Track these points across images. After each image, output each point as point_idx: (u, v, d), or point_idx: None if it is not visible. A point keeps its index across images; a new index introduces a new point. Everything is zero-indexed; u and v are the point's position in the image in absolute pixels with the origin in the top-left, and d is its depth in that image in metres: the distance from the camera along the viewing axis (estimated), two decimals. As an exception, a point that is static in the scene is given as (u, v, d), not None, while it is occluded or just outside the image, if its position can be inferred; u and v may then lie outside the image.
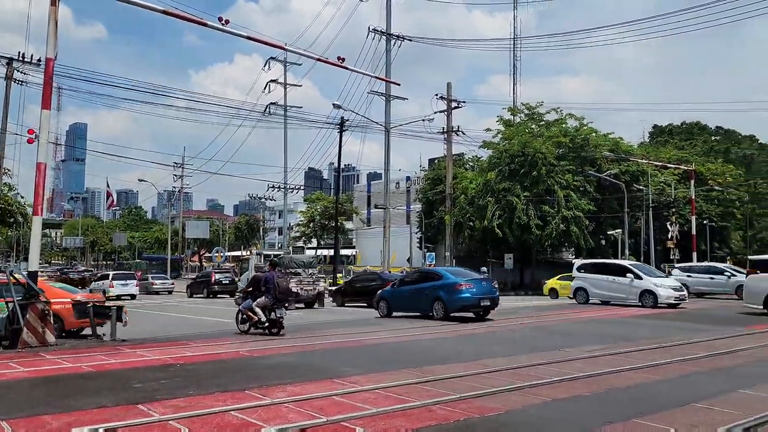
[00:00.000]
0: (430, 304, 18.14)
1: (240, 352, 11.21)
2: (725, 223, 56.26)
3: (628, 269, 23.65)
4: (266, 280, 14.08)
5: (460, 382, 8.09)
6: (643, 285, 22.57)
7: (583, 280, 24.84)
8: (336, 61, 25.23)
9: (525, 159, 39.32)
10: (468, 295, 17.70)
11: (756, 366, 9.76)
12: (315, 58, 26.41)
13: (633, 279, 22.89)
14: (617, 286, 23.37)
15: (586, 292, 24.50)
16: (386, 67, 38.45)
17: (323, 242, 59.44)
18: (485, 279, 20.01)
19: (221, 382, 8.13)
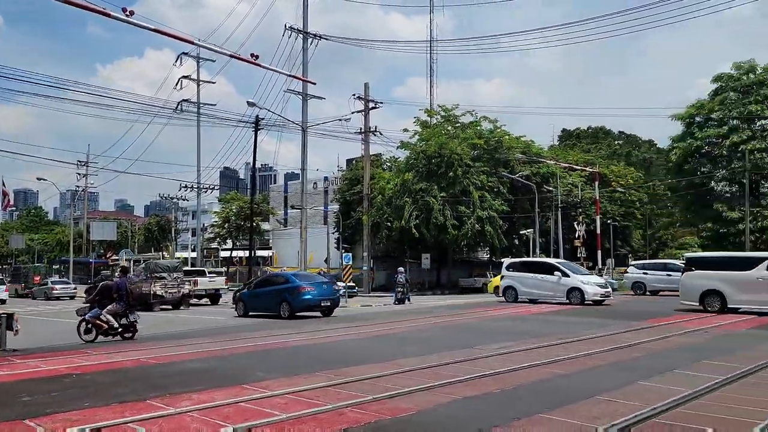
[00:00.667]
0: (278, 304, 20.03)
1: (143, 360, 10.65)
2: (627, 223, 59.59)
3: (556, 267, 24.13)
4: (118, 287, 13.99)
5: (374, 383, 8.01)
6: (571, 283, 23.12)
7: (512, 278, 25.16)
8: (249, 58, 24.63)
9: (441, 160, 39.97)
10: (310, 296, 19.92)
11: (652, 358, 10.27)
12: (228, 54, 25.71)
13: (561, 277, 23.40)
14: (546, 284, 23.83)
15: (515, 290, 24.84)
16: (303, 66, 38.03)
17: (238, 243, 58.09)
18: (327, 282, 22.08)
19: (120, 393, 7.65)
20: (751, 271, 18.39)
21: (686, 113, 47.31)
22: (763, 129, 44.19)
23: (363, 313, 22.43)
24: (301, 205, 35.36)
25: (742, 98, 44.56)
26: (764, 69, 44.78)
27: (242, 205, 55.17)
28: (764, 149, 42.42)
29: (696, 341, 12.58)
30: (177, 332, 15.86)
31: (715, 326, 15.43)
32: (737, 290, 18.68)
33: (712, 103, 45.90)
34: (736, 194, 45.27)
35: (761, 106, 43.29)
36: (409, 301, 28.68)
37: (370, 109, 39.51)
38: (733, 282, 18.79)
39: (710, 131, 45.40)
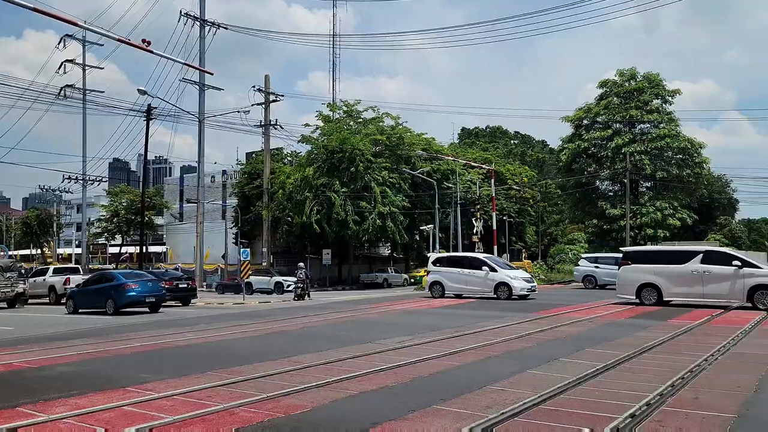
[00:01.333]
0: (105, 301, 21.16)
1: (14, 364, 9.78)
2: (521, 219, 62.29)
3: (484, 263, 23.93)
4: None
5: (269, 381, 7.79)
6: (498, 278, 23.08)
7: (438, 273, 24.73)
8: (141, 45, 23.31)
9: (343, 155, 39.91)
10: (134, 293, 21.04)
11: (541, 347, 10.71)
12: (116, 39, 24.17)
13: (488, 272, 23.26)
14: (473, 280, 23.61)
15: (441, 285, 24.42)
16: (200, 55, 36.72)
17: (129, 239, 55.22)
18: (153, 280, 22.99)
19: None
20: (686, 265, 18.63)
21: (575, 116, 50.10)
22: (642, 133, 47.62)
23: (261, 310, 21.94)
24: (197, 199, 34.09)
25: (624, 103, 47.77)
26: (644, 77, 48.22)
27: (133, 198, 52.41)
28: (643, 152, 45.71)
29: (581, 330, 13.28)
30: (54, 333, 14.76)
31: (599, 316, 16.39)
32: (672, 283, 18.87)
33: (598, 107, 48.88)
34: (618, 193, 48.51)
35: (641, 112, 46.60)
36: (309, 297, 28.43)
37: (270, 102, 38.79)
38: (668, 275, 18.96)
39: (596, 134, 48.36)
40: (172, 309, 23.74)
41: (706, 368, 8.54)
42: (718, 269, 18.17)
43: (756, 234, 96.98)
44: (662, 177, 45.81)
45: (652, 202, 46.09)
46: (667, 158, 46.85)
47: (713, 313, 16.88)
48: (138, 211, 44.35)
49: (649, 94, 47.57)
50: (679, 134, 46.97)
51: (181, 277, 27.40)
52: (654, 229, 45.34)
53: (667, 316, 16.39)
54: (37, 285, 29.01)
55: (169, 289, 24.97)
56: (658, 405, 6.34)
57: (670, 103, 48.39)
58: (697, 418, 5.85)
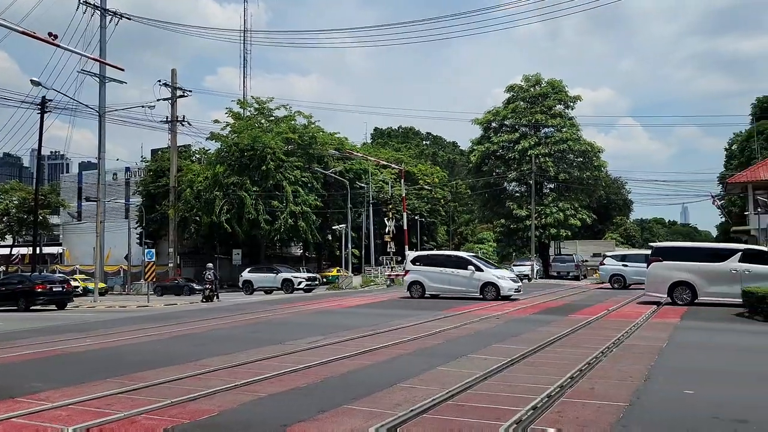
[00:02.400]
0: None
1: None
2: (433, 219, 63.60)
3: (469, 262, 22.99)
4: None
5: (174, 386, 7.50)
6: (485, 277, 22.08)
7: (418, 273, 23.57)
8: (47, 38, 22.08)
9: (255, 153, 39.18)
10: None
11: (450, 344, 10.97)
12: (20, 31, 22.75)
13: (474, 271, 22.24)
14: (457, 279, 22.54)
15: (422, 285, 23.24)
16: (101, 46, 34.91)
17: (21, 239, 51.64)
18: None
19: None
20: (724, 263, 18.09)
21: (484, 119, 51.71)
22: (546, 136, 49.83)
23: (166, 313, 21.13)
24: (98, 197, 32.37)
25: (530, 108, 49.80)
26: (548, 83, 50.48)
27: (26, 195, 49.01)
28: (547, 154, 47.84)
29: (488, 327, 13.72)
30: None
31: (505, 313, 16.98)
32: (708, 282, 18.27)
33: (505, 110, 50.68)
34: (525, 194, 50.52)
35: (545, 116, 48.75)
36: (218, 298, 27.71)
37: (178, 97, 37.48)
38: (704, 273, 18.28)
39: (504, 136, 50.14)
40: (54, 314, 22.77)
41: (602, 360, 9.05)
42: (759, 268, 17.53)
43: (648, 233, 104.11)
44: (565, 179, 48.13)
45: (555, 203, 48.33)
46: (569, 161, 49.32)
47: (609, 307, 17.92)
48: (31, 209, 41.54)
49: (552, 99, 49.86)
50: (580, 138, 49.56)
51: (56, 280, 26.26)
52: (557, 229, 47.58)
53: (568, 311, 17.23)
54: None
55: (42, 292, 24.07)
56: (558, 396, 6.65)
57: (572, 108, 50.98)
58: (593, 408, 6.18)
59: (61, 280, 26.79)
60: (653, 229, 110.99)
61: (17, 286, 25.06)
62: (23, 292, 24.49)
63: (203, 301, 26.80)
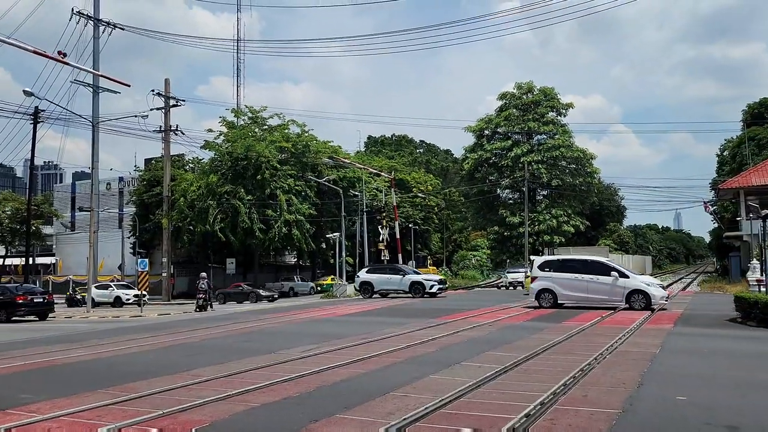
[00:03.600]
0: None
1: None
2: (426, 227, 63.58)
3: (612, 267, 21.03)
4: None
5: (165, 396, 7.46)
6: (632, 284, 20.06)
7: (548, 279, 21.40)
8: (57, 57, 22.44)
9: (249, 162, 39.15)
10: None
11: (443, 352, 10.96)
12: (30, 50, 22.99)
13: (618, 278, 20.16)
14: (597, 286, 20.41)
15: (553, 293, 21.06)
16: (94, 56, 34.81)
17: (14, 250, 51.35)
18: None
19: None
20: None
21: (477, 126, 51.90)
22: (539, 143, 50.05)
23: (159, 323, 21.03)
24: (91, 207, 32.24)
25: (522, 115, 50.03)
26: (540, 90, 50.75)
27: (18, 206, 48.81)
28: (540, 161, 48.03)
29: (481, 334, 13.71)
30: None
31: (498, 320, 16.98)
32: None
33: (498, 118, 50.90)
34: (518, 201, 50.67)
35: (538, 123, 48.97)
36: (211, 307, 27.60)
37: (171, 107, 37.43)
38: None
39: (497, 144, 50.32)
40: (43, 324, 22.81)
41: (595, 367, 9.05)
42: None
43: (642, 239, 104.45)
44: (557, 185, 48.31)
45: (548, 210, 48.50)
46: (562, 168, 49.52)
47: (603, 314, 17.95)
48: (24, 219, 41.35)
49: (545, 106, 50.13)
50: (572, 145, 49.81)
51: (36, 291, 26.34)
52: (551, 236, 47.69)
53: (562, 318, 17.24)
54: None
55: (23, 303, 24.19)
56: (551, 404, 6.65)
57: (564, 115, 51.29)
58: (586, 415, 6.18)
59: (42, 291, 26.85)
60: (646, 235, 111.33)
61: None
62: (4, 303, 24.40)
63: (197, 311, 26.68)
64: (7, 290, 25.89)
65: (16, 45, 22.26)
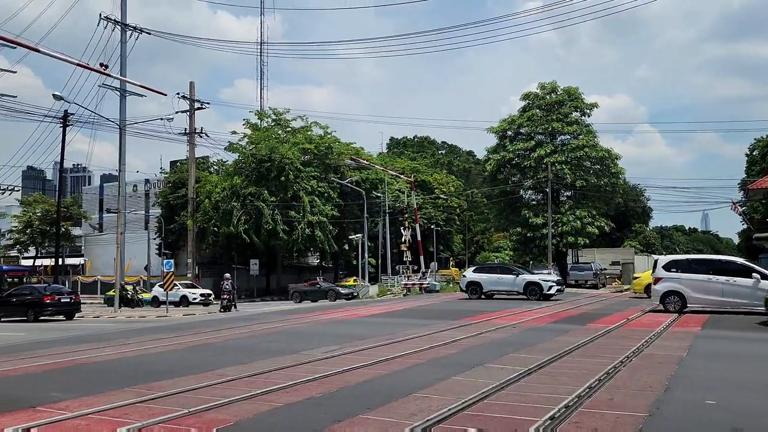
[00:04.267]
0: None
1: None
2: (449, 228, 63.38)
3: (752, 268, 19.11)
4: None
5: (191, 395, 7.54)
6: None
7: (675, 281, 19.60)
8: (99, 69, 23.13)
9: (272, 164, 39.43)
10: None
11: (465, 354, 10.90)
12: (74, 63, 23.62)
13: (760, 280, 18.15)
14: (735, 290, 18.49)
15: (681, 297, 19.28)
16: (121, 60, 35.35)
17: (44, 250, 52.40)
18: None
19: None
20: None
21: (499, 127, 51.48)
22: (563, 144, 49.49)
23: (184, 323, 21.28)
24: (118, 209, 32.76)
25: (546, 115, 49.50)
26: (564, 90, 50.17)
27: (49, 208, 49.82)
28: (564, 162, 47.48)
29: (505, 336, 13.62)
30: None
31: (522, 321, 16.85)
32: None
33: (521, 118, 50.41)
34: (541, 202, 50.15)
35: (561, 124, 48.43)
36: (235, 308, 27.83)
37: (196, 110, 37.84)
38: None
39: (520, 144, 49.84)
40: (71, 324, 23.19)
41: (621, 370, 8.93)
42: None
43: (668, 241, 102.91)
44: (582, 186, 47.73)
45: (572, 211, 47.89)
46: (586, 168, 48.87)
47: (628, 316, 17.72)
48: (53, 221, 42.18)
49: (568, 106, 49.51)
50: (597, 145, 49.15)
51: (63, 291, 26.84)
52: (575, 237, 47.13)
53: (586, 320, 17.05)
54: None
55: (50, 303, 24.73)
56: (576, 407, 6.57)
57: (588, 115, 50.57)
58: (612, 418, 6.10)
59: (69, 291, 27.43)
60: (673, 237, 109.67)
61: (27, 297, 25.57)
62: (32, 302, 24.97)
63: (221, 311, 26.94)
64: (35, 290, 26.46)
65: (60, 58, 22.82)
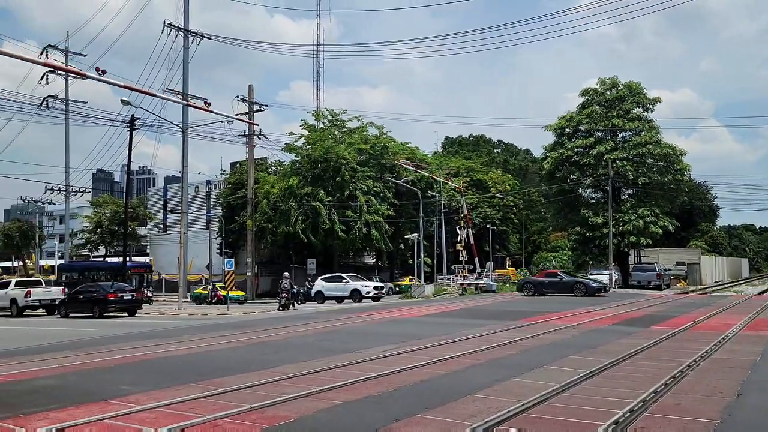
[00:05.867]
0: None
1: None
2: (505, 227, 62.59)
3: None
4: None
5: (252, 392, 7.73)
6: None
7: None
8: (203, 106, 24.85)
9: (328, 164, 39.89)
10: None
11: (524, 355, 10.74)
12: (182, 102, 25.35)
13: None
14: None
15: None
16: (183, 66, 36.55)
17: (112, 250, 54.69)
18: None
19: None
20: None
21: (557, 125, 50.46)
22: (624, 140, 48.07)
23: (245, 320, 21.79)
24: (181, 210, 33.85)
25: (606, 112, 48.20)
26: (625, 86, 48.73)
27: (117, 209, 51.98)
28: (625, 158, 46.12)
29: (564, 338, 13.34)
30: (39, 346, 14.54)
31: (583, 323, 16.47)
32: None
33: (580, 115, 49.26)
34: (601, 201, 48.88)
35: (622, 120, 47.06)
36: (293, 306, 28.30)
37: (254, 112, 38.70)
38: None
39: (579, 142, 48.69)
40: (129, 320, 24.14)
41: (688, 374, 8.62)
42: None
43: (737, 240, 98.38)
44: (644, 183, 46.25)
45: (634, 210, 46.45)
46: (649, 165, 47.31)
47: (695, 318, 17.06)
48: (121, 221, 44.00)
49: (630, 102, 48.06)
50: (660, 141, 47.53)
51: (126, 289, 27.86)
52: (637, 237, 45.71)
53: (650, 322, 16.52)
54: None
55: (114, 300, 25.81)
56: (641, 411, 6.38)
57: (651, 111, 48.95)
58: (680, 424, 5.90)
59: (131, 289, 28.53)
60: (743, 237, 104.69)
61: (92, 294, 26.87)
62: (97, 299, 26.22)
63: (280, 310, 27.45)
64: (101, 288, 27.72)
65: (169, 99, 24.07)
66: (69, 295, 29.01)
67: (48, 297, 29.33)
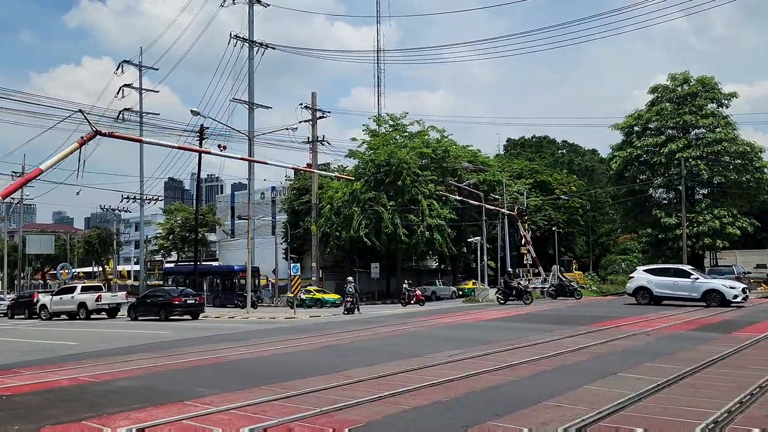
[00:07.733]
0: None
1: (79, 378, 10.12)
2: (571, 230, 61.01)
3: None
4: None
5: (321, 395, 7.83)
6: None
7: None
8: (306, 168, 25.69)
9: (390, 169, 40.04)
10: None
11: (596, 361, 10.43)
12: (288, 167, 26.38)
13: None
14: None
15: None
16: (249, 75, 37.49)
17: (184, 255, 56.73)
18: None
19: (53, 414, 7.22)
20: None
21: (625, 123, 48.91)
22: (698, 138, 46.08)
23: (311, 324, 22.13)
24: (248, 215, 34.75)
25: (677, 108, 46.37)
26: (697, 81, 46.74)
27: (187, 215, 53.96)
28: (699, 157, 44.20)
29: (638, 344, 12.88)
30: (116, 348, 15.23)
31: (657, 329, 15.86)
32: None
33: (649, 113, 47.59)
34: (673, 201, 47.01)
35: (695, 116, 45.14)
36: (358, 310, 28.51)
37: (317, 119, 39.33)
38: None
39: (648, 140, 47.03)
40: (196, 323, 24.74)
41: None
42: None
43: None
44: (720, 183, 44.18)
45: (709, 210, 44.41)
46: (725, 163, 45.17)
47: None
48: (192, 228, 45.57)
49: (703, 98, 46.07)
50: (737, 138, 45.30)
51: (189, 293, 28.86)
52: (712, 239, 43.67)
53: (730, 328, 15.75)
54: (64, 302, 30.49)
55: (178, 304, 27.10)
56: (726, 422, 6.08)
57: (726, 106, 46.75)
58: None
59: (194, 293, 29.47)
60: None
61: (159, 299, 28.20)
62: (163, 304, 27.46)
63: (345, 314, 27.72)
64: (166, 292, 29.07)
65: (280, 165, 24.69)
66: (138, 299, 30.68)
67: (115, 301, 31.09)
